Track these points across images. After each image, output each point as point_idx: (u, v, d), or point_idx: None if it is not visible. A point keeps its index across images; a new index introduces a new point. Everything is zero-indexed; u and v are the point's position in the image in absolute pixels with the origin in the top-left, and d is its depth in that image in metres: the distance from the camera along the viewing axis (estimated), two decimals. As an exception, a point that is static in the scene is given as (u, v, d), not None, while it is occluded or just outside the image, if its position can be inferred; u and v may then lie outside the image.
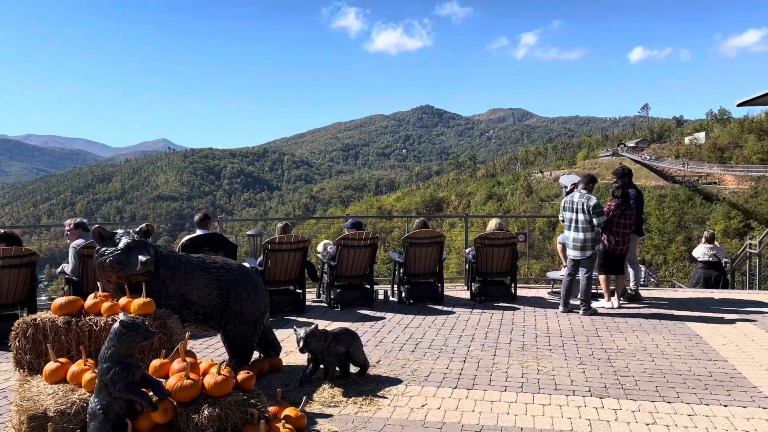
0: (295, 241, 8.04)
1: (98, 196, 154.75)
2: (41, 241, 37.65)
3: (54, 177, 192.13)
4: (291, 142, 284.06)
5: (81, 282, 6.88)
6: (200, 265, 4.84)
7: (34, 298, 6.88)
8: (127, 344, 3.41)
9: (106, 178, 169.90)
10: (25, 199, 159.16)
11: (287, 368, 5.40)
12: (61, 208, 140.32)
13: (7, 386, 5.06)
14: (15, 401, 3.76)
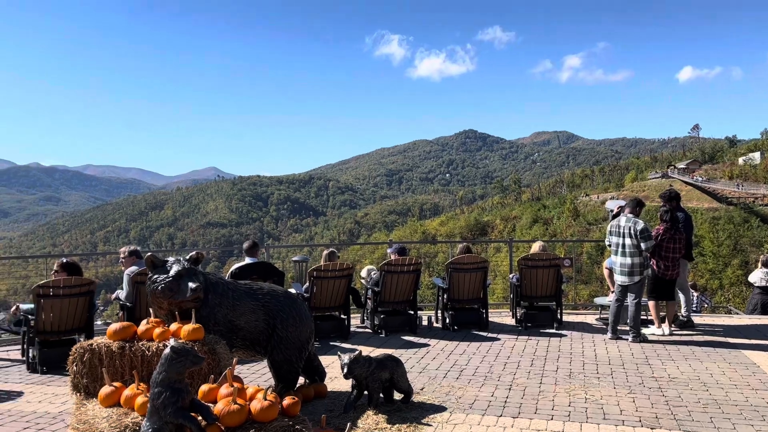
0: (340, 268, 8.13)
1: (151, 223, 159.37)
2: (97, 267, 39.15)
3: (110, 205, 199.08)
4: (336, 168, 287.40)
5: (134, 308, 7.11)
6: (247, 292, 4.97)
7: (92, 324, 7.14)
8: (177, 369, 3.52)
9: (158, 206, 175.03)
10: (83, 227, 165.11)
11: (332, 394, 5.45)
12: (116, 235, 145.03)
13: (65, 409, 5.26)
14: (72, 424, 3.92)
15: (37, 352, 6.74)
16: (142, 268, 7.03)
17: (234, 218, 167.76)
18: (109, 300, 8.02)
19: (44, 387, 6.10)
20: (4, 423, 4.96)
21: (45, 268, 9.33)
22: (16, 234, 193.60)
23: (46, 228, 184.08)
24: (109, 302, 8.56)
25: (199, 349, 4.13)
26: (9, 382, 6.30)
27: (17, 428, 4.83)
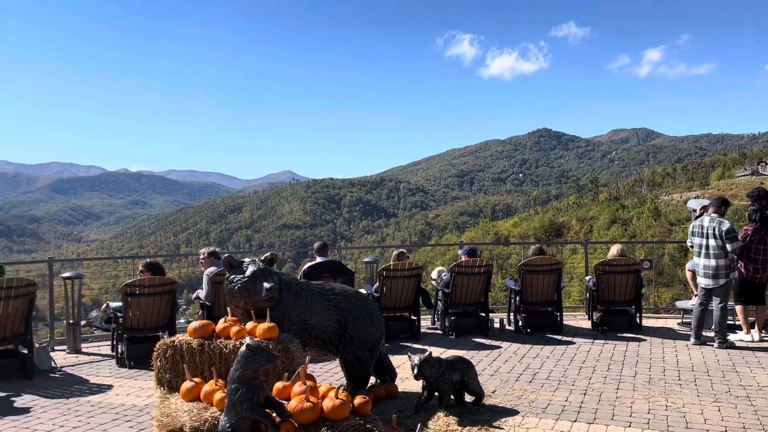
0: (409, 268, 8.16)
1: (230, 226, 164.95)
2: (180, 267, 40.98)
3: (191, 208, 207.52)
4: (407, 170, 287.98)
5: (214, 307, 7.41)
6: (319, 292, 5.08)
7: (174, 322, 7.49)
8: (252, 367, 3.65)
9: (236, 209, 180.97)
10: (166, 229, 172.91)
11: (403, 394, 5.48)
12: (197, 237, 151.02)
13: (150, 402, 5.55)
14: (156, 417, 4.13)
15: (125, 348, 7.14)
16: (220, 269, 7.31)
17: (308, 220, 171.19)
18: (191, 299, 8.39)
19: (132, 381, 6.46)
20: (95, 414, 5.29)
21: (132, 269, 9.83)
22: (107, 236, 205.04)
23: (134, 230, 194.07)
24: (191, 301, 9.04)
25: (274, 347, 4.26)
26: (100, 376, 6.70)
27: (107, 419, 5.14)
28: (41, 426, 5.01)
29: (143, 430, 4.84)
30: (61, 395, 5.94)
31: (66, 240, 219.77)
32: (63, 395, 5.93)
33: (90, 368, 7.08)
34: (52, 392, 6.04)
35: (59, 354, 7.73)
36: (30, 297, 6.75)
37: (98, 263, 30.08)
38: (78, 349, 7.96)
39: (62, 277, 8.13)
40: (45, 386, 6.27)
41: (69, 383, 6.41)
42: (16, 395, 5.94)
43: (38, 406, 5.59)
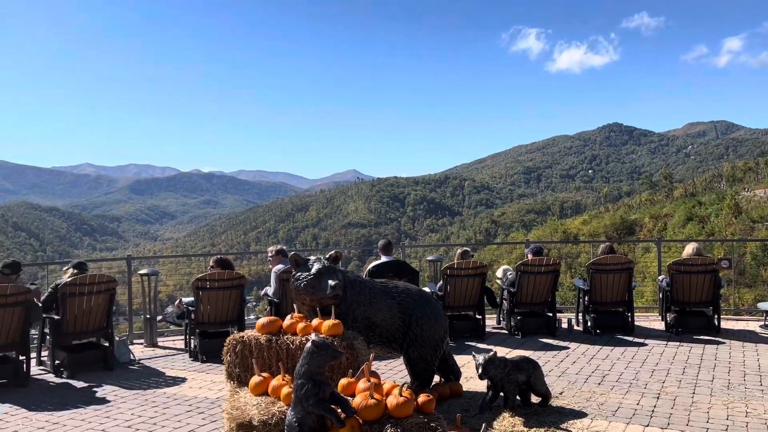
0: (473, 267, 8.09)
1: (297, 224, 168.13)
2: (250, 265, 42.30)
3: (260, 207, 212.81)
4: (471, 168, 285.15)
5: (281, 303, 7.58)
6: (383, 290, 5.11)
7: (243, 316, 7.72)
8: (318, 363, 3.71)
9: (303, 208, 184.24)
10: (237, 228, 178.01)
11: (467, 394, 5.44)
12: (266, 235, 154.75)
13: (221, 396, 5.74)
14: (226, 409, 4.26)
15: (197, 342, 7.42)
16: (287, 267, 7.49)
17: (373, 219, 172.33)
18: (260, 296, 8.62)
19: (204, 374, 6.70)
20: (170, 405, 5.53)
21: (205, 266, 10.19)
22: (181, 234, 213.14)
23: (206, 229, 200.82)
24: (260, 298, 9.34)
25: (339, 344, 4.32)
26: (174, 369, 6.99)
27: (181, 411, 5.36)
28: (121, 415, 5.27)
29: (215, 422, 5.01)
30: (138, 386, 6.23)
31: (143, 238, 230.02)
32: (141, 386, 6.23)
33: (165, 361, 7.40)
34: (130, 383, 6.35)
35: (137, 347, 8.10)
36: (111, 293, 7.12)
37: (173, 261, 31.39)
38: (154, 343, 8.33)
39: (139, 274, 8.53)
40: (124, 378, 6.60)
41: (146, 375, 6.72)
42: (98, 386, 6.28)
43: (118, 396, 5.89)
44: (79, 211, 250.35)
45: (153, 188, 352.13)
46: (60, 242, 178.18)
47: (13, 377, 6.35)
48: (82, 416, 5.29)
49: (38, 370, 6.96)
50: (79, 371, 6.74)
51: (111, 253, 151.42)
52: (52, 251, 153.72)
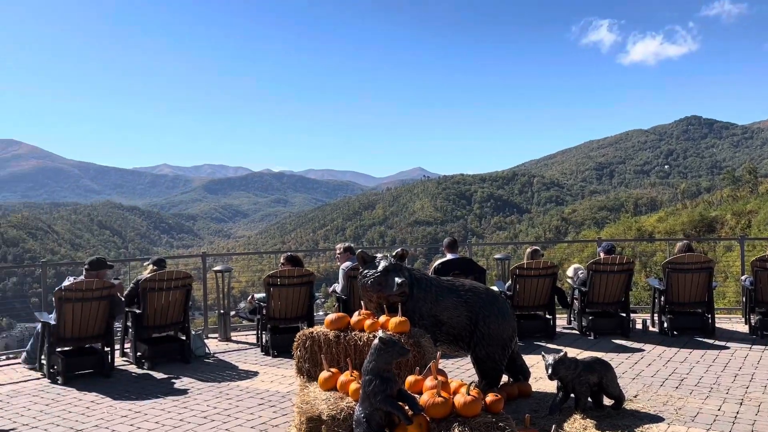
0: (543, 266, 7.93)
1: (364, 222, 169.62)
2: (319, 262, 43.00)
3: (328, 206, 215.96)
4: (540, 164, 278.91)
5: (349, 300, 7.69)
6: (449, 288, 5.09)
7: (312, 312, 7.88)
8: (385, 359, 3.74)
9: (370, 206, 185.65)
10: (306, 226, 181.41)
11: (536, 394, 5.35)
12: (334, 233, 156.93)
13: (291, 390, 5.88)
14: (296, 403, 4.37)
15: (268, 337, 7.63)
16: (355, 264, 7.58)
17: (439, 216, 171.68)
18: (328, 293, 8.77)
19: (275, 369, 6.88)
20: (243, 398, 5.71)
21: (276, 263, 10.44)
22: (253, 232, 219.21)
23: (276, 227, 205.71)
24: (328, 295, 9.53)
25: (406, 341, 4.34)
26: (247, 363, 7.21)
27: (254, 404, 5.52)
28: (197, 407, 5.49)
29: (285, 415, 5.14)
30: (213, 379, 6.47)
31: (217, 236, 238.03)
32: (215, 379, 6.46)
33: (238, 355, 7.64)
34: (206, 376, 6.60)
35: (212, 341, 8.40)
36: (187, 288, 7.43)
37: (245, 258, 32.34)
38: (228, 337, 8.62)
39: (214, 270, 8.85)
40: (200, 370, 6.87)
41: (220, 368, 6.97)
42: (176, 377, 6.56)
43: (194, 388, 6.13)
44: (158, 210, 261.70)
45: (226, 188, 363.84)
46: (140, 240, 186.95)
47: (99, 367, 6.73)
48: (162, 406, 5.54)
49: (121, 361, 7.34)
50: (159, 363, 7.07)
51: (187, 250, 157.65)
52: (133, 248, 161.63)
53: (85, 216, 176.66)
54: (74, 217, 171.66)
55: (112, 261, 7.35)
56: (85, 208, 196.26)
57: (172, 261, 7.97)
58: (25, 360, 7.25)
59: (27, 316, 32.73)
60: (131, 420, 5.16)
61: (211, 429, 4.88)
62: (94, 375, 6.63)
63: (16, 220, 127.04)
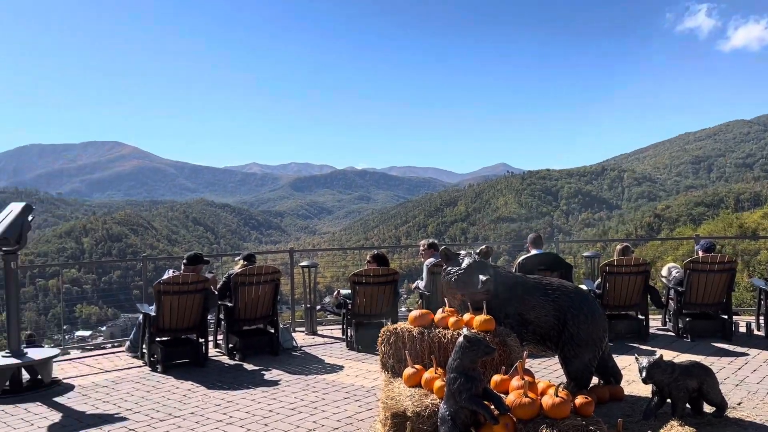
0: (635, 264, 7.60)
1: (446, 219, 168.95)
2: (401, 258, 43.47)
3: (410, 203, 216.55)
4: (631, 158, 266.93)
5: (432, 296, 7.68)
6: (536, 286, 4.97)
7: (396, 309, 7.94)
8: (470, 357, 3.71)
9: (452, 202, 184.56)
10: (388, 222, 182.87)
11: (629, 398, 5.13)
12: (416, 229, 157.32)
13: (376, 385, 5.94)
14: (382, 399, 4.41)
15: (353, 332, 7.74)
16: (438, 260, 7.55)
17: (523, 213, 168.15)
18: (411, 289, 8.79)
19: (360, 363, 6.98)
20: (329, 391, 5.83)
21: (359, 259, 10.56)
22: (337, 229, 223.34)
23: (360, 223, 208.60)
24: (411, 291, 9.56)
25: (491, 339, 4.28)
26: (333, 357, 7.35)
27: (339, 397, 5.63)
28: (286, 398, 5.66)
29: (370, 410, 5.20)
30: (301, 372, 6.64)
31: (303, 232, 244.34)
32: (302, 372, 6.63)
33: (324, 349, 7.81)
34: (293, 368, 6.79)
35: (299, 335, 8.63)
36: (276, 282, 7.67)
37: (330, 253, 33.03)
38: (314, 331, 8.83)
39: (300, 265, 9.08)
40: (288, 363, 7.07)
41: (307, 362, 7.15)
42: (266, 369, 6.79)
43: (283, 380, 6.32)
44: (247, 207, 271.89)
45: (312, 185, 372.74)
46: (231, 236, 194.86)
47: (194, 357, 7.07)
48: (252, 396, 5.75)
49: (214, 352, 7.68)
50: (249, 354, 7.34)
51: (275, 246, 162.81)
52: (224, 244, 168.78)
53: (180, 213, 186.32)
54: (171, 214, 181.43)
55: (205, 256, 7.69)
56: (181, 205, 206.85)
57: (261, 256, 8.26)
58: (128, 348, 7.74)
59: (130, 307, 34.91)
60: (224, 409, 5.39)
61: (299, 420, 5.02)
62: (189, 364, 6.98)
63: (120, 217, 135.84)
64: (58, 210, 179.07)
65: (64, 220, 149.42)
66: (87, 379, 6.64)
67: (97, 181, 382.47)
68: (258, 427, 4.89)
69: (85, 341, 13.93)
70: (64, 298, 14.23)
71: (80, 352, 8.51)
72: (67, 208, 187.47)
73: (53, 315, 47.36)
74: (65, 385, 6.41)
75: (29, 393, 6.08)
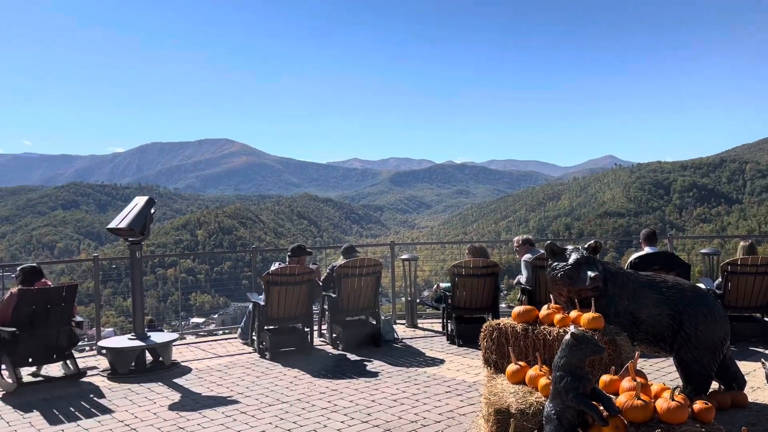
0: (762, 263, 7.02)
1: (548, 214, 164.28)
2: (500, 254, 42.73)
3: (510, 197, 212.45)
4: (754, 148, 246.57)
5: (534, 291, 7.50)
6: (649, 284, 4.72)
7: (497, 304, 7.82)
8: (577, 356, 3.58)
9: (555, 197, 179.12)
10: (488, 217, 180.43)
11: (753, 405, 4.76)
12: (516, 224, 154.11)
13: (478, 380, 5.89)
14: (484, 394, 4.36)
15: (454, 326, 7.71)
16: (540, 253, 7.38)
17: (632, 207, 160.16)
18: (510, 285, 8.63)
19: (460, 358, 6.94)
20: (430, 385, 5.84)
21: (458, 253, 10.50)
22: (436, 223, 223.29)
23: (458, 218, 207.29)
24: (511, 287, 9.42)
25: (600, 338, 4.11)
26: (433, 350, 7.36)
27: (440, 391, 5.63)
28: (387, 389, 5.74)
29: (472, 404, 5.16)
30: (402, 364, 6.71)
31: (402, 226, 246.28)
32: (404, 364, 6.69)
33: (425, 342, 7.83)
34: (394, 360, 6.87)
35: (399, 327, 8.72)
36: (377, 275, 7.79)
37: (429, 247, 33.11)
38: (414, 324, 8.88)
39: (401, 258, 9.16)
40: (389, 354, 7.16)
41: (408, 354, 7.20)
42: (368, 360, 6.91)
43: (384, 371, 6.41)
44: (348, 201, 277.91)
45: (411, 180, 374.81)
46: (333, 229, 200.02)
47: (300, 346, 7.33)
48: (355, 386, 5.88)
49: (318, 342, 7.92)
50: (352, 345, 7.51)
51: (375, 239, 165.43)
52: (327, 237, 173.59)
53: (286, 207, 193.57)
54: (277, 208, 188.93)
55: (309, 248, 7.95)
56: (286, 199, 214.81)
57: (361, 249, 8.42)
58: (239, 335, 8.16)
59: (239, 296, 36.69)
60: (329, 397, 5.55)
61: (400, 412, 5.07)
62: (296, 352, 7.24)
63: (230, 211, 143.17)
64: (175, 204, 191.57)
65: (181, 214, 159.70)
66: (202, 363, 7.06)
67: (210, 176, 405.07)
68: (361, 416, 4.99)
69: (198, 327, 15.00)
70: (181, 286, 15.23)
71: (195, 337, 9.07)
72: (183, 202, 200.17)
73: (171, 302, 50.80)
74: (183, 367, 6.85)
75: (152, 373, 6.56)
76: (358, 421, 4.86)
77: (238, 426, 4.85)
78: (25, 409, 5.43)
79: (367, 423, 4.82)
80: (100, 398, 5.73)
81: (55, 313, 6.25)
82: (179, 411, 5.28)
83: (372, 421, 4.87)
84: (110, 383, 6.25)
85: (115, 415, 5.21)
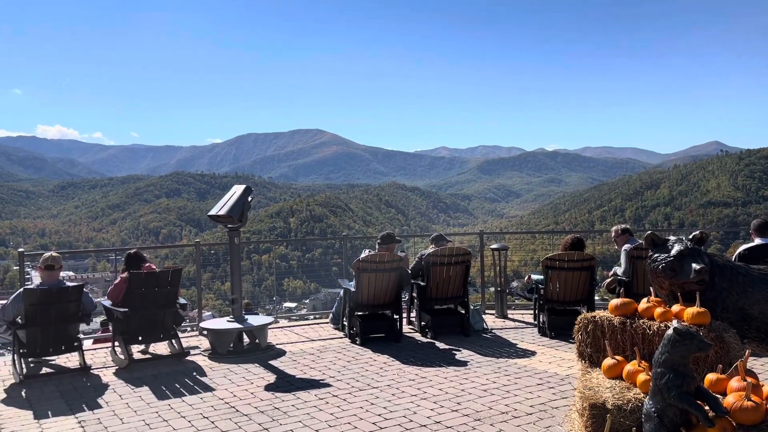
0: None
1: (646, 203, 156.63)
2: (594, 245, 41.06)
3: (605, 185, 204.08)
4: None
5: (631, 283, 7.19)
6: (763, 278, 4.40)
7: (593, 297, 7.58)
8: (680, 352, 3.40)
9: (654, 185, 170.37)
10: (581, 206, 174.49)
11: None
12: (612, 214, 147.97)
13: (571, 373, 5.73)
14: (578, 388, 4.24)
15: (546, 318, 7.54)
16: (638, 243, 7.07)
17: (740, 196, 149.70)
18: (605, 276, 8.32)
19: (552, 350, 6.78)
20: (521, 376, 5.75)
21: (550, 243, 10.24)
22: (526, 212, 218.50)
23: (549, 207, 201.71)
24: (604, 279, 9.08)
25: (705, 334, 3.89)
26: (524, 342, 7.24)
27: (532, 383, 5.53)
28: (477, 379, 5.70)
29: (565, 398, 5.04)
30: (491, 354, 6.64)
31: (490, 215, 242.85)
32: (493, 354, 6.62)
33: (515, 333, 7.71)
34: (484, 350, 6.81)
35: (489, 317, 8.63)
36: (466, 264, 7.73)
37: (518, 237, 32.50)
38: (504, 315, 8.76)
39: (491, 248, 9.04)
40: (478, 344, 7.11)
41: (498, 345, 7.12)
42: (457, 349, 6.90)
43: (474, 361, 6.37)
44: (436, 190, 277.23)
45: (500, 168, 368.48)
46: (420, 218, 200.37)
47: (390, 332, 7.42)
48: (444, 375, 5.88)
49: (407, 329, 7.98)
50: (441, 333, 7.51)
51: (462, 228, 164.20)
52: (414, 225, 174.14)
53: (374, 195, 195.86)
54: (365, 196, 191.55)
55: (397, 236, 8.00)
56: (375, 188, 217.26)
57: (450, 238, 8.38)
58: (331, 320, 8.37)
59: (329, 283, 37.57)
60: (418, 384, 5.59)
61: (491, 402, 5.03)
62: (385, 339, 7.34)
63: (321, 199, 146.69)
64: (269, 192, 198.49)
65: (274, 202, 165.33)
66: (296, 346, 7.30)
67: (302, 166, 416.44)
68: (451, 405, 4.99)
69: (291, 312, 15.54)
70: (275, 272, 15.78)
71: (288, 321, 9.38)
72: (276, 191, 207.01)
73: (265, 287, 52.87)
74: (278, 350, 7.12)
75: (249, 354, 6.87)
76: (448, 410, 4.87)
77: (330, 409, 4.98)
78: (136, 384, 5.84)
79: (456, 412, 4.82)
80: (201, 376, 6.07)
81: (162, 295, 6.67)
82: (274, 392, 5.50)
83: (462, 410, 4.86)
84: (211, 362, 6.60)
85: (215, 393, 5.50)
